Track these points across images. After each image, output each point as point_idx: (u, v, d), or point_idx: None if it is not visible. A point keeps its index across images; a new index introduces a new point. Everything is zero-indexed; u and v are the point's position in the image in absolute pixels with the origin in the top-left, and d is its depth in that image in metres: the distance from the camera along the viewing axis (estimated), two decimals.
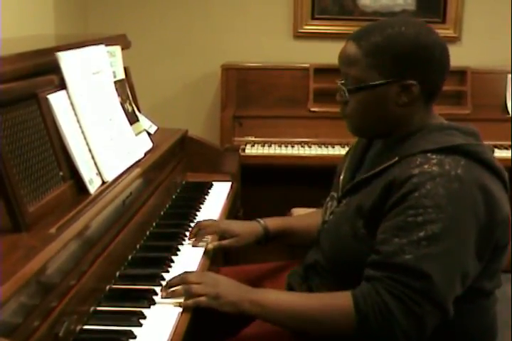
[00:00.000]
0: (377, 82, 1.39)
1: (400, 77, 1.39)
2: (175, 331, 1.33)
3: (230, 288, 1.43)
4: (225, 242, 1.77)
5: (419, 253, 1.28)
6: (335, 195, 1.62)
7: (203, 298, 1.42)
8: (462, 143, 1.37)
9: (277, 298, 1.42)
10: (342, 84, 1.45)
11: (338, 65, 1.47)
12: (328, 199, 1.67)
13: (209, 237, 1.81)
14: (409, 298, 1.28)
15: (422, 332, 1.31)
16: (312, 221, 1.82)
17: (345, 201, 1.51)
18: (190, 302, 1.42)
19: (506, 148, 3.22)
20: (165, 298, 1.45)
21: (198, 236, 1.80)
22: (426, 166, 1.32)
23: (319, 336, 1.43)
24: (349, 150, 1.70)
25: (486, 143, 1.46)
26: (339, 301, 1.35)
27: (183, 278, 1.46)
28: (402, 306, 1.29)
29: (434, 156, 1.34)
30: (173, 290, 1.45)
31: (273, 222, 1.83)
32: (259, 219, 1.83)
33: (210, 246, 1.75)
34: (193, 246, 1.78)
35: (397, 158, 1.39)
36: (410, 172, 1.33)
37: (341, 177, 1.61)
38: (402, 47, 1.38)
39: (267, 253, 2.01)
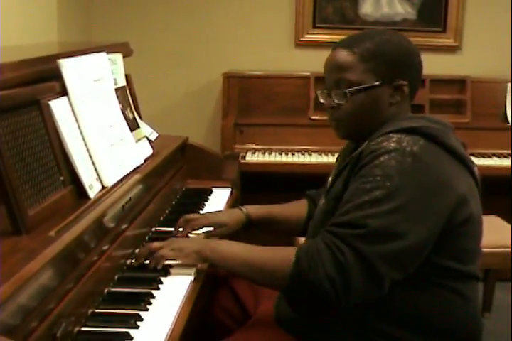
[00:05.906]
0: (375, 83, 1.51)
1: (393, 78, 1.52)
2: (171, 334, 1.35)
3: (191, 241, 1.67)
4: (214, 232, 1.84)
5: (359, 213, 1.37)
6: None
7: (169, 251, 1.58)
8: (424, 125, 1.46)
9: (233, 246, 1.55)
10: (335, 88, 1.53)
11: (326, 72, 1.57)
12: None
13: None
14: (335, 245, 1.36)
15: (346, 285, 1.34)
16: (295, 210, 1.91)
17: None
18: (156, 255, 1.59)
19: (506, 157, 3.23)
20: (136, 265, 1.63)
21: (185, 227, 1.85)
22: (385, 143, 1.42)
23: (265, 286, 1.53)
24: (338, 156, 1.78)
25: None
26: (287, 251, 1.44)
27: (147, 246, 1.64)
28: (329, 252, 1.36)
29: (394, 135, 1.43)
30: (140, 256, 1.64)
31: (255, 210, 1.89)
32: (241, 207, 1.90)
33: (201, 236, 1.82)
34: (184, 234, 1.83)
35: (366, 143, 1.48)
36: (370, 149, 1.43)
37: (329, 179, 1.66)
38: (392, 52, 1.53)
39: (269, 241, 2.02)
